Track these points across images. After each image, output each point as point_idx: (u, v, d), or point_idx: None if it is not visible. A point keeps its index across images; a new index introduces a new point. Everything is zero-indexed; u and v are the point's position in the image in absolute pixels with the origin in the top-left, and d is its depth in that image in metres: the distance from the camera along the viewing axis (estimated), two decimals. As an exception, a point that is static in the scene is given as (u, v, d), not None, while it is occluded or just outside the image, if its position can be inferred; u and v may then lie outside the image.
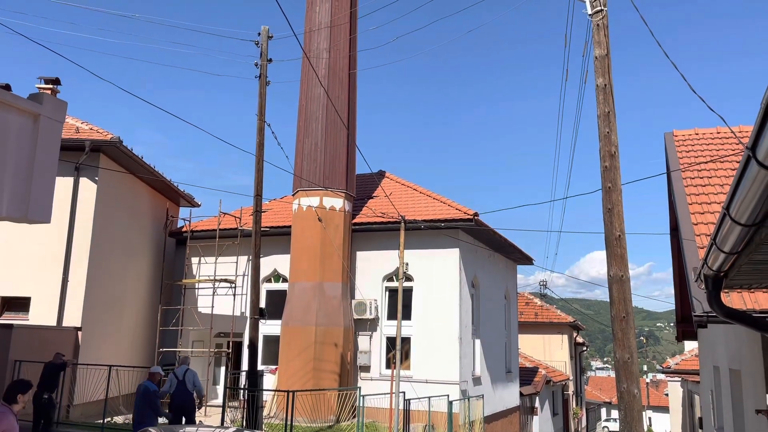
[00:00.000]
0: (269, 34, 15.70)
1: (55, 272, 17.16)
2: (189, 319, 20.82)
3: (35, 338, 15.41)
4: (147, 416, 10.82)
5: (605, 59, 8.14)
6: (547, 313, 37.49)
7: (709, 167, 10.39)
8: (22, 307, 17.27)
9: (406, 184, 22.62)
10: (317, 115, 19.28)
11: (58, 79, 18.57)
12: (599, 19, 8.22)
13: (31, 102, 5.31)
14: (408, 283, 18.93)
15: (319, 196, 18.79)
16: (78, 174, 17.73)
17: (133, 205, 20.29)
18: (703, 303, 7.14)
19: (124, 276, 19.71)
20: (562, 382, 34.82)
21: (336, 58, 19.50)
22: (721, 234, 3.72)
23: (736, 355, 8.72)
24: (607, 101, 8.02)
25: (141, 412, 10.92)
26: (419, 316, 18.90)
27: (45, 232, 16.72)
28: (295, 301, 18.53)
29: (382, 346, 19.22)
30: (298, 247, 18.84)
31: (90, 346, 17.51)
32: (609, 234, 7.75)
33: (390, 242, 19.03)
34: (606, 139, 7.92)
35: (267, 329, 19.78)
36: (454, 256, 18.85)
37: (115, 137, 17.44)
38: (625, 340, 7.52)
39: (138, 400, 11.01)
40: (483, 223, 19.12)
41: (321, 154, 19.00)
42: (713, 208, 9.16)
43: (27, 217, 5.12)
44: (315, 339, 17.88)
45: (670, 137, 12.10)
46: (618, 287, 7.60)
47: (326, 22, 19.54)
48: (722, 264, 4.29)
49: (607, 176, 7.84)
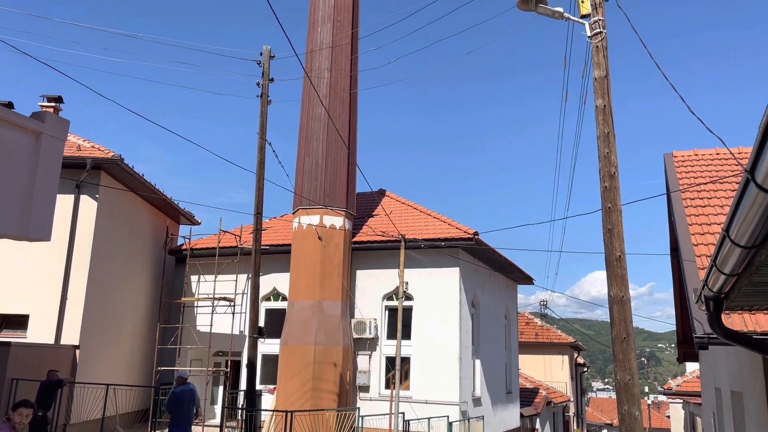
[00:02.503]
0: (271, 54, 15.82)
1: (54, 290, 17.11)
2: (187, 337, 20.72)
3: (33, 356, 15.31)
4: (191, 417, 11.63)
5: (604, 80, 8.19)
6: (547, 334, 37.30)
7: (709, 188, 10.41)
8: (20, 324, 17.20)
9: (406, 202, 22.64)
10: (318, 134, 19.36)
11: (61, 98, 18.69)
12: (598, 41, 8.29)
13: (34, 120, 5.34)
14: (408, 302, 18.87)
15: (320, 214, 18.80)
16: (79, 191, 17.75)
17: (133, 223, 20.29)
18: (704, 324, 7.11)
19: (123, 294, 19.65)
20: (563, 404, 34.53)
21: (337, 77, 19.64)
22: (721, 255, 3.71)
23: (737, 377, 8.66)
24: (607, 122, 8.06)
25: (188, 415, 11.63)
26: (419, 336, 18.81)
27: (44, 250, 16.71)
28: (295, 319, 18.45)
29: (381, 365, 19.10)
30: (298, 265, 18.80)
31: (88, 365, 17.40)
32: (609, 254, 7.73)
33: (390, 261, 19.00)
34: (606, 159, 7.94)
35: (266, 348, 19.67)
36: (454, 276, 18.80)
37: (117, 155, 17.50)
38: (625, 361, 7.47)
39: (184, 401, 11.54)
40: (483, 243, 19.10)
41: (321, 172, 19.04)
42: (713, 229, 9.16)
43: (27, 236, 5.11)
44: (314, 358, 17.76)
45: (669, 158, 12.14)
46: (618, 308, 7.56)
47: (327, 42, 19.71)
48: (723, 285, 4.28)
49: (607, 197, 7.85)
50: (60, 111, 18.59)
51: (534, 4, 8.60)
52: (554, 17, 8.67)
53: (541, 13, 8.70)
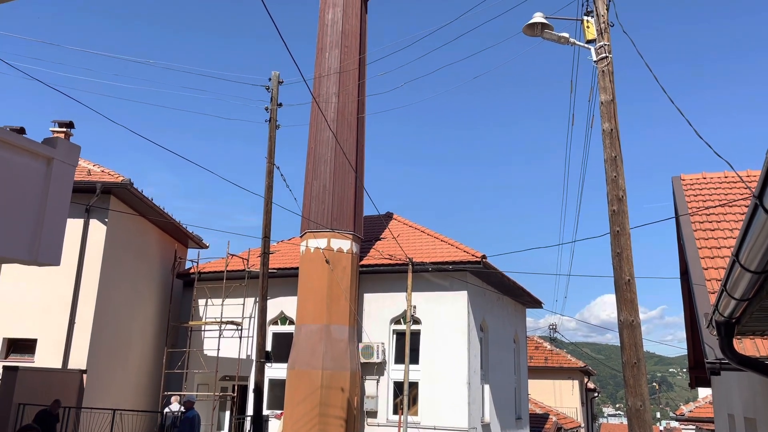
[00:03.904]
0: (280, 80, 16.00)
1: (62, 314, 17.13)
2: (194, 361, 20.63)
3: (40, 381, 15.28)
4: None
5: (611, 104, 8.22)
6: (557, 358, 36.91)
7: (718, 211, 10.37)
8: (28, 349, 17.20)
9: (413, 225, 22.63)
10: (326, 157, 19.47)
11: (72, 123, 18.91)
12: (604, 65, 8.34)
13: (45, 146, 5.40)
14: (416, 326, 18.76)
15: (327, 237, 18.81)
16: (88, 215, 17.87)
17: (142, 247, 20.36)
18: (716, 350, 7.03)
19: (131, 318, 19.65)
20: (574, 429, 34.01)
21: (345, 102, 19.81)
22: (731, 280, 3.69)
23: (751, 404, 8.52)
24: (614, 146, 8.07)
25: None
26: (427, 360, 18.66)
27: (53, 274, 16.71)
28: (302, 344, 18.36)
29: (389, 390, 18.93)
30: (305, 289, 18.77)
31: (94, 389, 17.34)
32: (618, 278, 7.69)
33: (397, 284, 18.94)
34: (613, 183, 7.94)
35: (273, 372, 19.55)
36: (462, 299, 18.70)
37: (126, 179, 17.63)
38: (636, 386, 7.37)
39: (196, 425, 11.53)
40: (491, 266, 19.02)
41: (329, 196, 19.10)
42: (723, 253, 9.09)
43: (37, 260, 5.15)
44: (321, 383, 17.63)
45: (677, 181, 12.11)
46: (628, 332, 7.49)
47: (335, 67, 19.91)
48: (733, 310, 4.24)
49: (615, 220, 7.83)
50: (71, 136, 18.80)
51: (540, 30, 8.68)
52: (560, 42, 8.75)
53: (547, 39, 8.78)
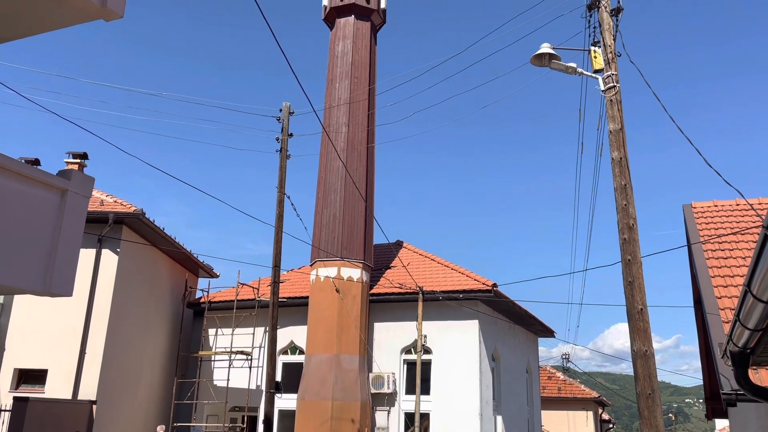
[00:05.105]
0: (291, 110, 16.20)
1: (73, 344, 17.13)
2: (204, 392, 20.51)
3: (50, 412, 15.23)
4: None
5: (620, 133, 8.25)
6: (570, 388, 36.36)
7: (730, 239, 10.29)
8: (39, 379, 17.18)
9: (423, 254, 22.58)
10: (336, 186, 19.58)
11: (86, 154, 19.16)
12: (612, 94, 8.39)
13: (60, 178, 5.48)
14: (426, 356, 18.59)
15: (337, 266, 18.80)
16: (100, 246, 17.99)
17: (153, 276, 20.43)
18: (731, 380, 6.92)
19: (141, 348, 19.62)
20: (589, 462, 33.31)
21: (354, 131, 19.98)
22: (744, 310, 3.66)
23: (770, 436, 8.33)
24: (623, 174, 8.07)
25: None
26: (438, 391, 18.44)
27: (64, 304, 16.81)
28: (312, 374, 18.23)
29: (400, 422, 18.69)
30: (315, 318, 18.71)
31: (104, 421, 17.25)
32: (631, 308, 7.62)
33: (408, 313, 18.83)
34: (624, 211, 7.92)
35: (283, 403, 19.39)
36: (473, 328, 18.55)
37: (138, 209, 17.79)
38: (651, 418, 7.25)
39: None
40: (503, 295, 18.89)
41: (339, 225, 19.16)
42: (736, 281, 9.00)
43: (50, 291, 5.18)
44: (331, 414, 17.45)
45: (689, 209, 12.06)
46: (642, 363, 7.40)
47: (345, 98, 20.15)
48: (748, 340, 4.19)
49: (626, 249, 7.79)
50: (85, 167, 19.03)
51: (547, 60, 8.77)
52: (567, 72, 8.82)
53: (554, 69, 8.86)
